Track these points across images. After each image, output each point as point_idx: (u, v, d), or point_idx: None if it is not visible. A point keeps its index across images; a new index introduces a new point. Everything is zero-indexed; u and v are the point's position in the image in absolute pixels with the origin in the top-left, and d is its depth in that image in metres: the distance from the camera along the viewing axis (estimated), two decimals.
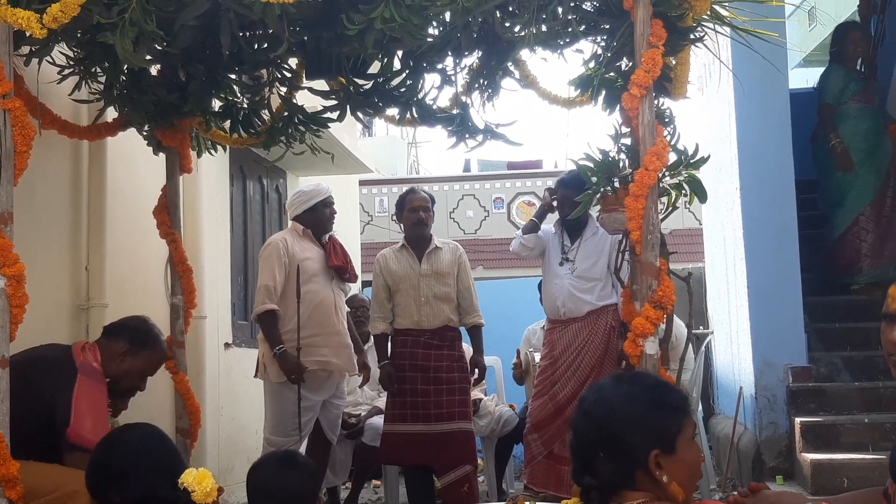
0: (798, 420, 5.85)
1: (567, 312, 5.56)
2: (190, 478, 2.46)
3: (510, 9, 4.11)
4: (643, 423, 2.06)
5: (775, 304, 6.38)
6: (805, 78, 9.80)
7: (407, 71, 4.84)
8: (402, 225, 5.99)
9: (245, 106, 5.06)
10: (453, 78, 4.90)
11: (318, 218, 5.84)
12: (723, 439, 7.36)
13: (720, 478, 6.70)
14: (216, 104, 5.12)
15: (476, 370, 5.92)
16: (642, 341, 3.70)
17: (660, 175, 3.85)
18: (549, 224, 5.91)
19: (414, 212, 5.86)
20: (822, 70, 7.44)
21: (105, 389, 3.96)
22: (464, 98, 4.99)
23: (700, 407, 6.93)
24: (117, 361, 4.04)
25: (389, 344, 5.84)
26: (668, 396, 2.14)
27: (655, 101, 3.95)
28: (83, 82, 4.58)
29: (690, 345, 5.11)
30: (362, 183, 13.55)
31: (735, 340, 7.26)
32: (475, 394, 6.28)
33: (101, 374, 3.94)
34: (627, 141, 4.11)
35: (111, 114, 5.01)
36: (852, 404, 6.06)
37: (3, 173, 3.46)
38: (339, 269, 5.76)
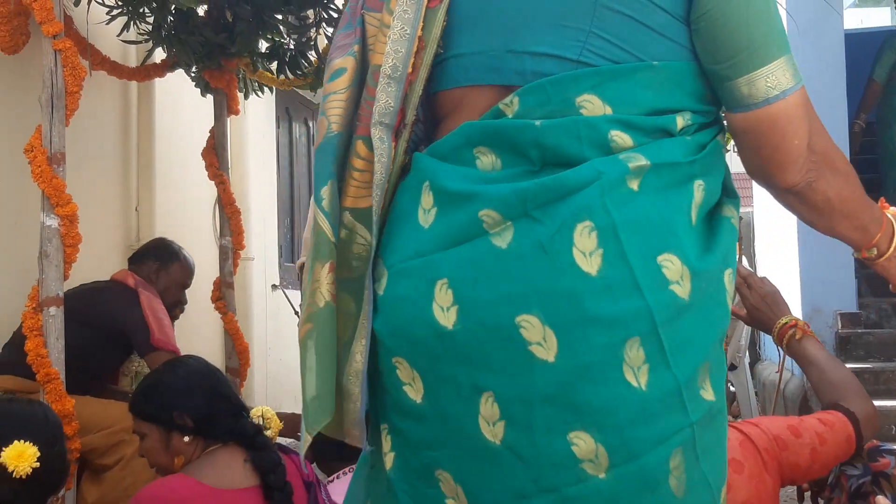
0: (846, 366, 5.79)
1: None
2: (259, 412, 2.53)
3: None
4: None
5: (825, 249, 6.27)
6: (860, 18, 9.54)
7: None
8: None
9: (292, 47, 5.03)
10: None
11: None
12: (769, 385, 7.32)
13: None
14: (263, 45, 5.11)
15: None
16: None
17: None
18: None
19: None
20: (876, 10, 7.21)
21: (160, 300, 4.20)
22: None
23: (747, 354, 6.89)
24: (153, 280, 4.24)
25: None
26: None
27: None
28: (131, 23, 4.58)
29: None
30: None
31: (784, 286, 7.17)
32: None
33: (154, 289, 4.17)
34: None
35: (159, 55, 5.02)
36: None
37: (55, 114, 3.49)
38: None
